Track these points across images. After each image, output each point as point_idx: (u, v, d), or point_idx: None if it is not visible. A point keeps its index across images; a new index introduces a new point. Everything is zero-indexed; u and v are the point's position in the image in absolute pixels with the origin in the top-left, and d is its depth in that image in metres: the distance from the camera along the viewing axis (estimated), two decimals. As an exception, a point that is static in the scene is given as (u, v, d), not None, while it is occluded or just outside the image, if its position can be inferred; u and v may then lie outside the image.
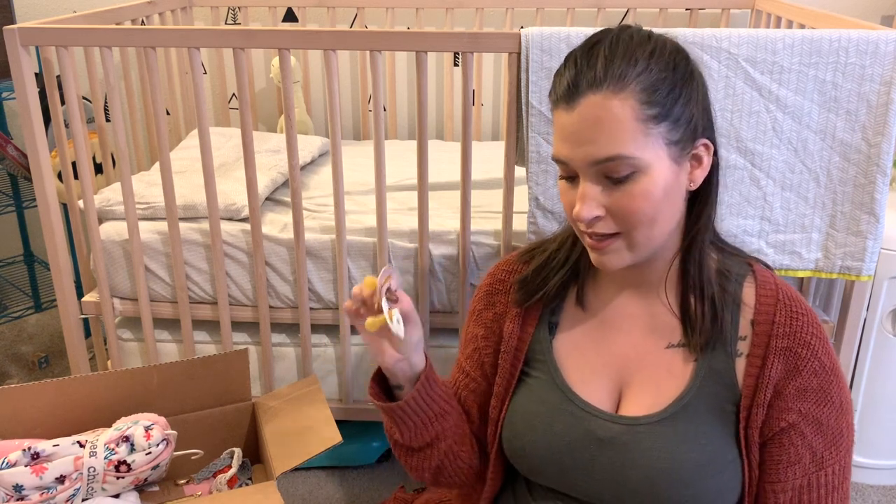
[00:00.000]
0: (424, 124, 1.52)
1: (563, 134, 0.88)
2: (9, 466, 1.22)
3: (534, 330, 1.04)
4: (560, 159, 0.89)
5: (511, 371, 1.05)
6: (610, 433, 0.95)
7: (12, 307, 2.40)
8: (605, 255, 0.91)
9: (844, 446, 0.94)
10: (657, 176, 0.87)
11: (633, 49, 0.86)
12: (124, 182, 1.62)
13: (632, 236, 0.90)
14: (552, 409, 0.99)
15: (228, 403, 1.49)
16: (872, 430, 1.81)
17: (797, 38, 1.37)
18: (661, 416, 0.94)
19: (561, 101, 0.88)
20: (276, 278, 1.70)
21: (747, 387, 0.94)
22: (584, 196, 0.88)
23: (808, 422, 0.93)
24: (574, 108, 0.86)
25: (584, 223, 0.90)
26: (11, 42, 1.52)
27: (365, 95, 2.41)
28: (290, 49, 1.51)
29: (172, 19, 2.23)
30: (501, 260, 1.12)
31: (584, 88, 0.85)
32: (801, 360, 0.93)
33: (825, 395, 0.93)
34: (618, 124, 0.85)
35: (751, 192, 1.46)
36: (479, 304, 1.10)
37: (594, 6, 2.25)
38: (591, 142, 0.86)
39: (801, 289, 1.63)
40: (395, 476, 1.86)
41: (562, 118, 0.88)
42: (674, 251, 0.96)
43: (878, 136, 1.41)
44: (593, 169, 0.87)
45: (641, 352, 0.99)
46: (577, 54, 0.89)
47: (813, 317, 0.96)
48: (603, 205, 0.88)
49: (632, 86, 0.85)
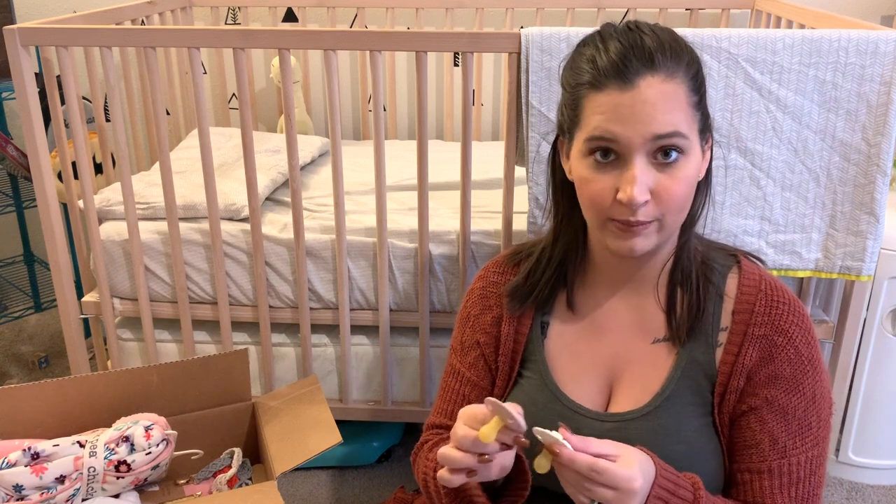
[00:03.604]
0: (424, 124, 1.52)
1: (616, 113, 0.86)
2: (9, 466, 1.22)
3: (528, 331, 1.04)
4: (608, 136, 0.87)
5: (509, 373, 1.05)
6: (597, 431, 0.96)
7: (12, 307, 2.40)
8: (637, 237, 0.90)
9: (812, 440, 0.94)
10: (694, 161, 0.90)
11: (675, 39, 0.89)
12: (124, 182, 1.62)
13: (666, 221, 0.90)
14: (541, 408, 0.99)
15: (228, 403, 1.48)
16: (872, 430, 1.81)
17: (797, 38, 1.37)
18: (645, 409, 0.95)
19: (609, 80, 0.86)
20: (276, 278, 1.70)
21: (722, 373, 0.95)
22: (637, 179, 0.86)
23: (772, 408, 0.93)
24: (631, 88, 0.85)
25: (633, 207, 0.87)
26: (11, 42, 1.52)
27: (365, 95, 2.41)
28: (290, 49, 1.51)
29: (172, 19, 2.23)
30: (490, 262, 1.11)
31: (639, 68, 0.85)
32: (776, 347, 0.94)
33: (796, 385, 0.93)
34: (676, 103, 0.87)
35: (751, 192, 1.46)
36: (473, 308, 1.09)
37: (594, 6, 2.25)
38: (651, 119, 0.85)
39: (801, 289, 1.63)
40: (395, 476, 1.86)
41: (612, 98, 0.86)
42: (672, 245, 0.97)
43: (878, 136, 1.41)
44: (649, 146, 0.86)
45: (630, 348, 1.00)
46: (610, 37, 0.88)
47: (796, 305, 0.96)
48: (649, 188, 0.87)
49: (682, 72, 0.87)
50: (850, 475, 1.87)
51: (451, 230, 1.66)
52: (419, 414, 1.77)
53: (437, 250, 1.66)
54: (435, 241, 1.66)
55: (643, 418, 0.95)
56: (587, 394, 0.99)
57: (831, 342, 1.67)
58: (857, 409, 1.79)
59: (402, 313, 1.71)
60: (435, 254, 1.66)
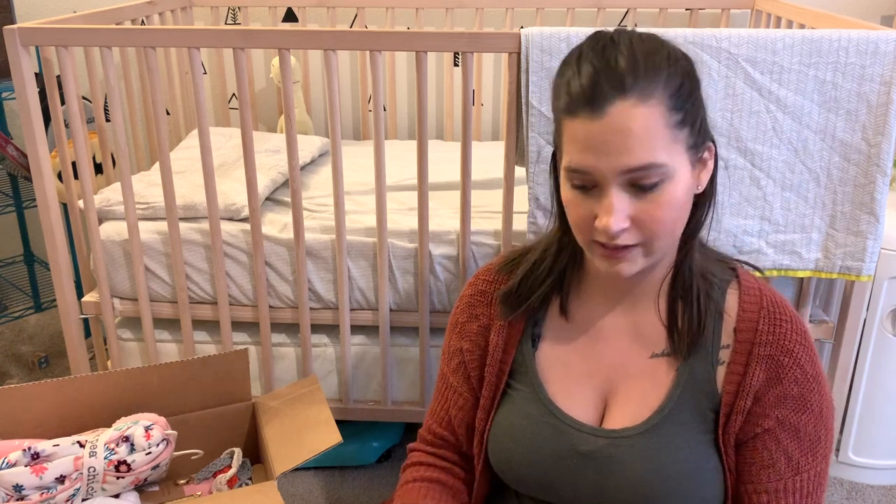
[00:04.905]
0: (424, 124, 1.52)
1: (587, 143, 0.83)
2: (9, 466, 1.22)
3: (517, 343, 1.02)
4: (581, 169, 0.84)
5: (496, 384, 1.03)
6: (593, 447, 0.94)
7: (12, 307, 2.40)
8: (621, 263, 0.88)
9: (822, 453, 0.94)
10: (681, 182, 0.86)
11: (652, 54, 0.84)
12: (124, 182, 1.62)
13: (652, 245, 0.87)
14: (535, 423, 0.98)
15: (228, 403, 1.48)
16: (872, 430, 1.81)
17: (797, 38, 1.37)
18: (643, 427, 0.94)
19: (580, 108, 0.83)
20: (276, 278, 1.70)
21: (728, 393, 0.93)
22: (613, 208, 0.83)
23: (784, 428, 0.92)
24: (601, 117, 0.81)
25: (610, 236, 0.85)
26: (11, 42, 1.52)
27: (365, 95, 2.41)
28: (290, 49, 1.51)
29: (172, 19, 2.23)
30: (481, 269, 1.09)
31: (609, 94, 0.81)
32: (782, 368, 0.92)
33: (804, 403, 0.92)
34: (650, 132, 0.81)
35: (751, 192, 1.46)
36: (461, 315, 1.08)
37: (594, 6, 2.25)
38: (622, 150, 0.82)
39: (801, 289, 1.63)
40: (395, 476, 1.86)
41: (584, 126, 0.83)
42: (672, 258, 0.95)
43: (878, 136, 1.41)
44: (623, 178, 0.83)
45: (626, 362, 0.98)
46: (587, 56, 0.84)
47: (798, 323, 0.94)
48: (629, 216, 0.85)
49: (659, 92, 0.82)
50: (850, 475, 1.87)
51: (451, 230, 1.66)
52: (419, 414, 1.77)
53: (437, 250, 1.66)
54: (435, 241, 1.66)
55: (641, 435, 0.93)
56: (581, 407, 0.97)
57: (831, 342, 1.67)
58: (857, 409, 1.79)
59: (402, 313, 1.71)
60: (435, 254, 1.66)
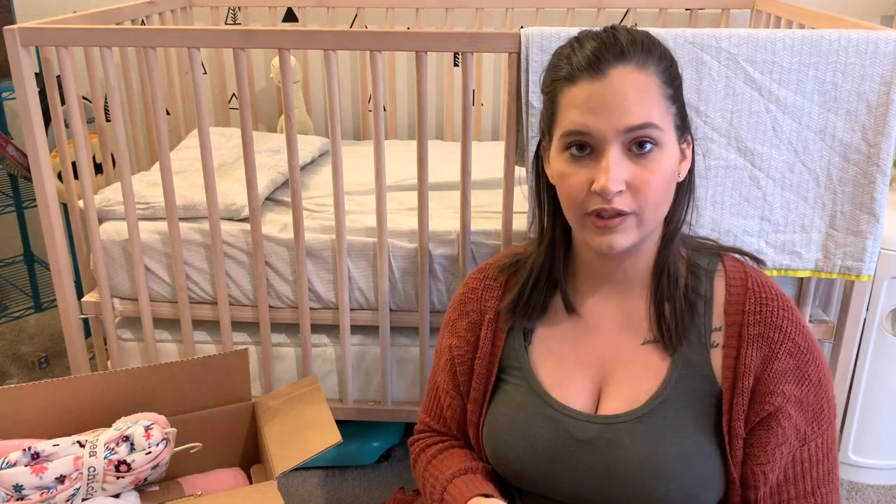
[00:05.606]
0: (424, 124, 1.52)
1: (588, 104, 0.88)
2: (9, 466, 1.22)
3: (507, 336, 1.04)
4: (581, 130, 0.89)
5: (486, 376, 1.05)
6: (589, 434, 0.96)
7: (12, 307, 2.40)
8: (615, 233, 0.90)
9: (826, 420, 0.96)
10: (670, 154, 0.91)
11: (647, 37, 0.91)
12: (124, 182, 1.62)
13: (644, 214, 0.90)
14: (530, 414, 0.99)
15: (228, 403, 1.48)
16: (872, 429, 1.81)
17: (797, 38, 1.37)
18: (639, 412, 0.95)
19: (582, 74, 0.89)
20: (276, 278, 1.70)
21: (726, 378, 0.95)
22: (611, 167, 0.87)
23: (791, 402, 0.94)
24: (602, 78, 0.87)
25: (608, 197, 0.88)
26: (11, 42, 1.52)
27: (365, 95, 2.41)
28: (290, 49, 1.51)
29: (172, 19, 2.23)
30: (475, 270, 1.12)
31: (611, 59, 0.88)
32: (774, 343, 0.94)
33: (803, 375, 0.94)
34: (649, 94, 0.88)
35: (751, 192, 1.46)
36: (453, 314, 1.11)
37: (594, 6, 2.25)
38: (623, 109, 0.87)
39: (801, 289, 1.63)
40: (395, 476, 1.86)
41: (585, 88, 0.88)
42: (655, 244, 0.98)
43: (878, 136, 1.41)
44: (623, 138, 0.88)
45: (618, 349, 0.99)
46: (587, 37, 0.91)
47: (784, 300, 0.97)
48: (625, 179, 0.88)
49: (654, 65, 0.89)
50: (849, 475, 1.87)
51: (451, 230, 1.66)
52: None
53: (437, 250, 1.66)
54: (435, 241, 1.66)
55: (638, 420, 0.95)
56: (575, 396, 0.99)
57: (831, 342, 1.67)
58: (857, 409, 1.79)
59: (402, 313, 1.71)
60: (435, 254, 1.66)
